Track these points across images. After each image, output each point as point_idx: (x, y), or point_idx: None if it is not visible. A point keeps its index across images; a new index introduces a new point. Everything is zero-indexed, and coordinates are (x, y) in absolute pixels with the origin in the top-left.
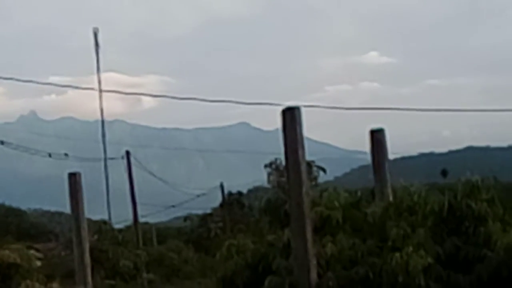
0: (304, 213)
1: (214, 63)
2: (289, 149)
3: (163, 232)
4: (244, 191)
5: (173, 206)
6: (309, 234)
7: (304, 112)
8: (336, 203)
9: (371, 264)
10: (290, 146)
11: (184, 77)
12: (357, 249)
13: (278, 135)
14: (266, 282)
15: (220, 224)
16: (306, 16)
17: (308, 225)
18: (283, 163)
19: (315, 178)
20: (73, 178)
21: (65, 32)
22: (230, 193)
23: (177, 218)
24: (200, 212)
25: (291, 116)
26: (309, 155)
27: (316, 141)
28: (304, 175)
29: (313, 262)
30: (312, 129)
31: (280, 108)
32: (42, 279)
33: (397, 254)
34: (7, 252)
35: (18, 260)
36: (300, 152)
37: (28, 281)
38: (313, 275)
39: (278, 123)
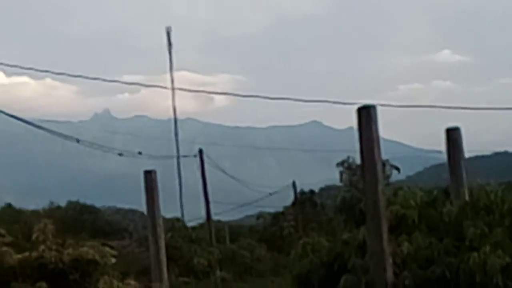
0: (380, 212)
1: (285, 61)
2: (364, 148)
3: (235, 230)
4: (316, 189)
5: (245, 205)
6: (385, 233)
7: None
8: (412, 202)
9: (448, 264)
10: (366, 145)
11: (256, 75)
12: (434, 248)
13: (350, 134)
14: (342, 281)
15: (293, 223)
16: (378, 14)
17: (384, 223)
18: (355, 161)
19: (388, 177)
20: (149, 176)
21: (138, 32)
22: (302, 192)
23: (249, 216)
24: (271, 210)
25: (367, 115)
26: (382, 153)
27: (388, 140)
28: (380, 174)
29: (389, 261)
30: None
31: (352, 107)
32: (117, 276)
33: (475, 254)
34: (85, 249)
35: (97, 257)
36: (375, 151)
37: (106, 277)
38: (389, 274)
39: (350, 121)
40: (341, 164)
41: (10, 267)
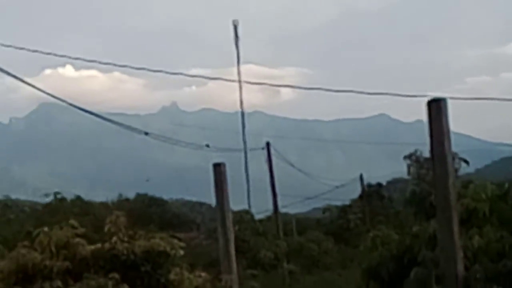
0: (450, 205)
1: (352, 54)
2: (435, 141)
3: (302, 223)
4: (383, 182)
5: (312, 198)
6: (455, 226)
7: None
8: (483, 195)
9: None
10: (436, 138)
11: (323, 68)
12: (505, 242)
13: (417, 127)
14: (412, 274)
15: (360, 216)
16: (445, 7)
17: (455, 217)
18: (423, 154)
19: (457, 170)
20: (218, 168)
21: (205, 25)
22: (369, 185)
23: (316, 209)
24: (338, 203)
25: (437, 108)
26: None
27: (456, 133)
28: (450, 167)
29: (460, 254)
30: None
31: (420, 100)
32: (187, 267)
33: None
34: (157, 240)
35: (168, 249)
36: (446, 144)
37: (177, 269)
38: (460, 267)
39: (418, 114)
40: (408, 157)
41: (83, 258)
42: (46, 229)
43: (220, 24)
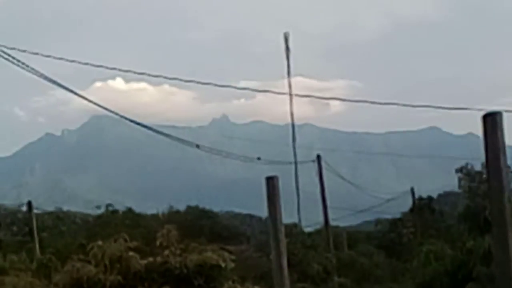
0: (506, 220)
1: (403, 67)
2: (490, 155)
3: (352, 236)
4: (433, 196)
5: (363, 211)
6: (511, 241)
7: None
8: None
9: None
10: (492, 153)
11: (373, 81)
12: None
13: (469, 140)
14: None
15: (411, 229)
16: (497, 18)
17: (510, 232)
18: (475, 168)
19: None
20: (271, 182)
21: (254, 37)
22: (420, 198)
23: (366, 222)
24: (388, 216)
25: (492, 122)
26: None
27: (510, 146)
28: (506, 182)
29: None
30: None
31: (474, 113)
32: (238, 280)
33: None
34: (209, 254)
35: (220, 262)
36: (501, 158)
37: (230, 283)
38: None
39: (470, 127)
40: (460, 170)
41: (136, 272)
42: (100, 242)
43: (269, 37)
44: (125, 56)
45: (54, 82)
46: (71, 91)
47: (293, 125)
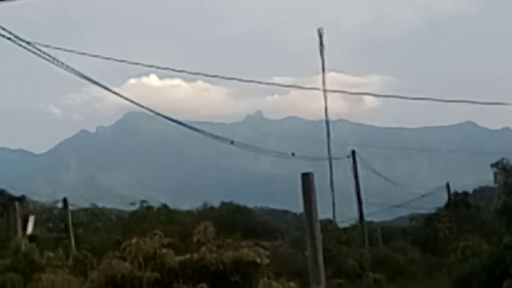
0: None
1: (437, 62)
2: None
3: (387, 232)
4: (469, 191)
5: (398, 206)
6: None
7: None
8: None
9: None
10: None
11: (407, 76)
12: None
13: (505, 135)
14: (504, 285)
15: (447, 225)
16: None
17: None
18: (510, 162)
19: None
20: (307, 178)
21: (288, 33)
22: (456, 193)
23: (401, 217)
24: (423, 212)
25: None
26: None
27: None
28: None
29: None
30: None
31: (508, 108)
32: (273, 276)
33: None
34: (245, 250)
35: (257, 258)
36: None
37: (265, 279)
38: None
39: (505, 122)
40: (495, 165)
41: (171, 268)
42: (134, 239)
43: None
44: (160, 53)
45: (89, 79)
46: (106, 88)
47: (327, 121)
